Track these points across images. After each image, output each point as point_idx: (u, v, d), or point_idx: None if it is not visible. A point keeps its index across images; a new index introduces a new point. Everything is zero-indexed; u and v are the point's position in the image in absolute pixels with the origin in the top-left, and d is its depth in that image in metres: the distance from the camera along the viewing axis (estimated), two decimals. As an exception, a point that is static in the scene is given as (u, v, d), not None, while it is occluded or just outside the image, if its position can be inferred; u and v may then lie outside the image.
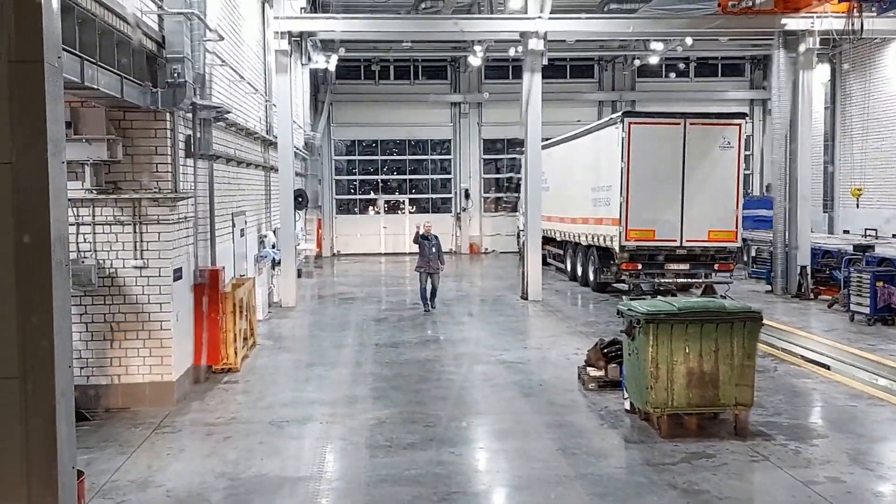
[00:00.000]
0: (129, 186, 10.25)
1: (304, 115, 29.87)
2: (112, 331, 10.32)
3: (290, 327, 16.98)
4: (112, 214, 10.24)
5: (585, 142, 22.07)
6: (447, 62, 35.08)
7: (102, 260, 10.25)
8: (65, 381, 4.51)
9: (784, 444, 8.78)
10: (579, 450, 8.68)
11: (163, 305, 10.39)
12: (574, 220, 22.92)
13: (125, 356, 10.37)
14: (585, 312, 18.53)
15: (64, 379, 4.50)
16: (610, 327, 15.88)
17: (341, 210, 35.81)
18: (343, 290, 23.08)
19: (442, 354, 13.78)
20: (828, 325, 16.28)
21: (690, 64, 35.77)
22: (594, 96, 35.56)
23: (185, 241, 11.09)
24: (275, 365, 13.11)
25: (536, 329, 16.58)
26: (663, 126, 18.82)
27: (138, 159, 10.26)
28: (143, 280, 10.35)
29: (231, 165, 14.81)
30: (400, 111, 34.80)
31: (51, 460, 4.42)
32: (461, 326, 16.57)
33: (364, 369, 12.75)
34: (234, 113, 14.73)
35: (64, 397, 4.51)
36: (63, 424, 4.52)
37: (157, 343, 10.39)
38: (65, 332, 4.40)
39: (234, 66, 15.06)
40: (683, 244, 18.95)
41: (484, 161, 35.90)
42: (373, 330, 16.25)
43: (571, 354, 13.49)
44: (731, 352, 8.98)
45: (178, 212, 10.72)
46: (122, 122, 10.18)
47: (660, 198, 18.80)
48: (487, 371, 12.54)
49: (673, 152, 18.72)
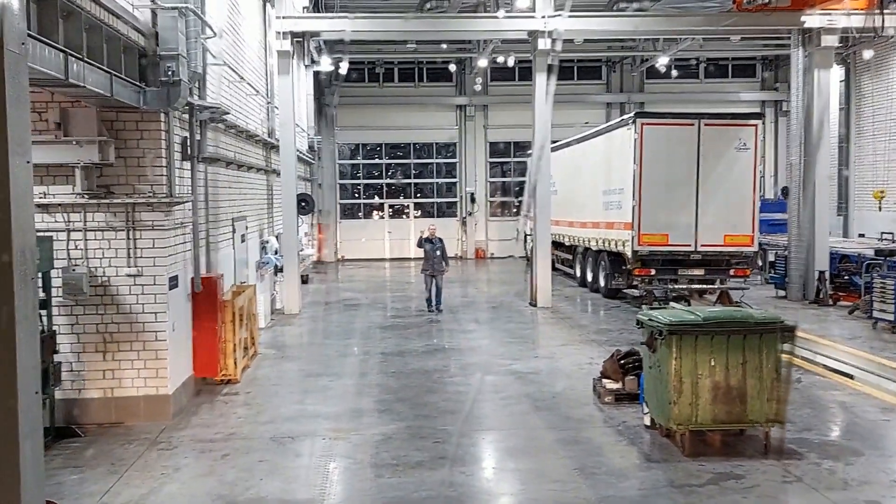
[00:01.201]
0: (123, 190, 9.74)
1: (308, 118, 29.41)
2: (105, 342, 9.82)
3: (293, 335, 16.46)
4: (104, 220, 9.74)
5: (596, 143, 21.54)
6: (453, 64, 34.56)
7: (94, 268, 9.74)
8: (30, 408, 3.99)
9: (817, 464, 8.24)
10: (598, 469, 8.14)
11: (158, 315, 9.88)
12: (584, 225, 22.38)
13: (118, 368, 9.86)
14: (597, 319, 17.98)
15: (29, 405, 3.98)
16: (623, 335, 15.36)
17: (345, 215, 35.30)
18: (348, 296, 22.57)
19: (450, 364, 13.25)
20: (850, 332, 15.70)
21: (700, 65, 35.29)
22: (602, 98, 35.04)
23: (182, 248, 10.58)
24: (277, 375, 12.59)
25: (547, 337, 16.02)
26: (677, 127, 18.27)
27: (132, 162, 9.75)
28: (137, 289, 9.84)
29: (231, 169, 14.32)
30: (404, 114, 34.31)
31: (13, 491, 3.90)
32: (469, 334, 16.04)
33: (369, 380, 12.22)
34: (233, 115, 14.25)
35: (29, 422, 3.98)
36: (28, 451, 3.99)
37: (152, 354, 9.88)
38: (29, 358, 3.88)
39: (234, 66, 14.57)
40: (698, 249, 18.39)
41: (490, 164, 35.38)
42: (378, 338, 15.73)
43: (585, 364, 12.96)
44: (760, 365, 8.44)
45: (174, 217, 10.22)
46: (114, 122, 9.68)
47: (673, 201, 18.25)
48: (497, 382, 12.01)
49: (687, 154, 18.16)
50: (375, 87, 34.52)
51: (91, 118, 9.34)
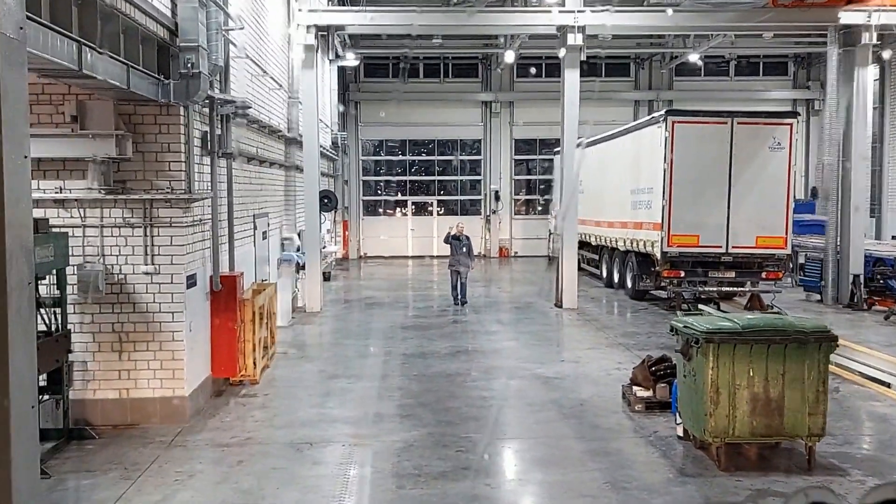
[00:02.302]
0: (140, 186, 9.48)
1: (332, 113, 29.15)
2: (120, 341, 9.56)
3: (313, 335, 16.20)
4: (121, 216, 9.48)
5: (625, 142, 21.08)
6: (478, 59, 34.19)
7: (111, 265, 9.49)
8: (25, 415, 3.70)
9: (861, 481, 7.80)
10: (630, 484, 7.76)
11: (175, 315, 9.62)
12: (611, 224, 21.93)
13: (134, 369, 9.60)
14: (624, 322, 17.54)
15: (24, 413, 3.68)
16: (651, 339, 14.95)
17: (368, 211, 35.02)
18: (370, 294, 22.28)
19: (473, 367, 12.90)
20: (886, 338, 15.17)
21: (731, 62, 34.61)
22: (630, 95, 34.47)
23: (200, 246, 10.31)
24: (296, 376, 12.31)
25: (573, 340, 15.63)
26: (709, 125, 17.77)
27: (149, 157, 9.49)
28: (153, 287, 9.58)
29: (252, 165, 14.06)
30: (429, 110, 33.93)
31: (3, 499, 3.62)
32: (492, 336, 15.68)
33: (390, 383, 11.91)
34: (255, 109, 13.98)
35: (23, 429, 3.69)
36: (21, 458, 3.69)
37: (169, 355, 9.62)
38: (23, 364, 3.58)
39: (257, 60, 14.28)
40: (729, 250, 17.89)
41: (515, 162, 34.95)
42: (400, 338, 15.41)
43: (612, 369, 12.57)
44: (801, 376, 8.01)
45: (193, 214, 9.95)
46: (132, 116, 9.42)
47: (704, 201, 17.77)
48: (522, 387, 11.64)
49: (719, 153, 17.66)
50: (400, 83, 34.16)
51: (108, 111, 9.08)
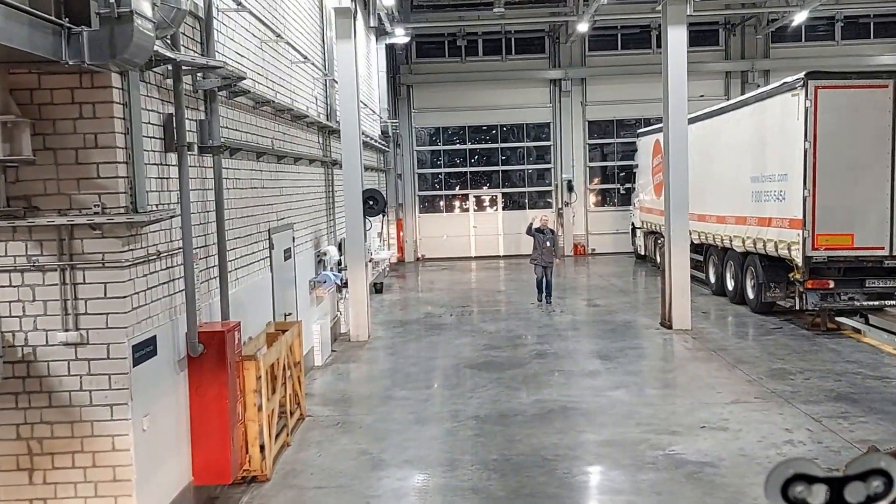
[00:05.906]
0: (51, 204, 5.88)
1: (381, 98, 25.50)
2: (30, 454, 5.99)
3: (357, 380, 12.54)
4: (23, 253, 5.90)
5: (740, 117, 16.91)
6: (544, 32, 30.12)
7: (10, 333, 5.93)
8: None
9: None
10: None
11: (115, 408, 6.00)
12: (722, 219, 17.77)
13: (53, 497, 6.02)
14: (762, 351, 13.37)
15: None
16: (811, 381, 10.94)
17: (425, 208, 31.23)
18: (429, 310, 18.54)
19: (577, 442, 9.04)
20: None
21: (836, 24, 29.92)
22: (719, 66, 29.96)
23: (160, 293, 6.67)
24: (326, 465, 8.60)
25: (704, 386, 11.45)
26: (865, 90, 13.60)
27: (65, 157, 5.88)
28: (79, 366, 5.97)
29: (266, 162, 10.41)
30: (490, 92, 29.89)
31: None
32: (593, 379, 11.80)
33: (460, 476, 8.12)
34: (266, 86, 10.33)
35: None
36: None
37: (108, 473, 6.01)
38: None
39: (266, 20, 10.57)
40: (894, 253, 13.72)
41: (589, 147, 30.79)
42: (469, 386, 11.63)
43: (783, 443, 8.62)
44: None
45: (144, 244, 6.32)
46: (34, 92, 5.82)
47: (860, 191, 13.67)
48: (659, 484, 7.74)
49: (878, 126, 13.51)
50: (457, 63, 30.25)
51: (-14, 84, 5.50)
